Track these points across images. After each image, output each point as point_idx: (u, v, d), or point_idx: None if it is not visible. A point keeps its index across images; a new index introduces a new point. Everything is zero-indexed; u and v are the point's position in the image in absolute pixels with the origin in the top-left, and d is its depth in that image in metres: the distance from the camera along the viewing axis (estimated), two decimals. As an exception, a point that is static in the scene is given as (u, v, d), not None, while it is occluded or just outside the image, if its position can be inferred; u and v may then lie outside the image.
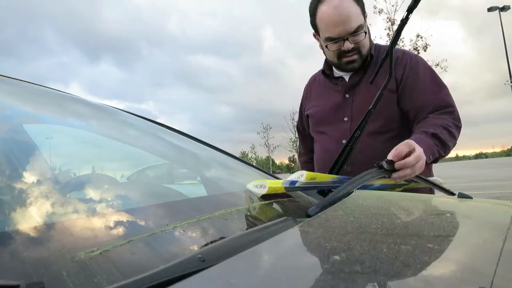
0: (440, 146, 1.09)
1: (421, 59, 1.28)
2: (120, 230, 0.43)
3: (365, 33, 1.20)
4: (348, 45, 1.19)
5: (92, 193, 0.69)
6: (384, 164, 0.81)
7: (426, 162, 0.97)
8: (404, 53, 1.28)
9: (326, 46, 1.22)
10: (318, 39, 1.29)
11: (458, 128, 1.17)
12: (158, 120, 1.04)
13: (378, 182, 0.89)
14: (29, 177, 0.55)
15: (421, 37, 14.52)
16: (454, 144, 1.16)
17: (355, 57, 1.22)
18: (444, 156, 1.13)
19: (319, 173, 0.80)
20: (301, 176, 0.73)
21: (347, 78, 1.30)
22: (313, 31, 1.28)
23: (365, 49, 1.24)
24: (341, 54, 1.22)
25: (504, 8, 17.59)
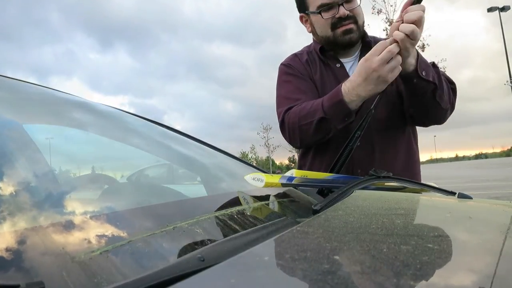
0: (436, 78, 1.00)
1: None
2: (120, 230, 0.43)
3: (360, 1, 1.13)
4: (343, 11, 1.10)
5: (92, 193, 0.69)
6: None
7: (415, 75, 0.95)
8: None
9: (320, 14, 1.12)
10: (306, 21, 1.22)
11: (454, 92, 1.11)
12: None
13: (376, 185, 0.89)
14: (29, 177, 0.55)
15: None
16: (447, 100, 1.07)
17: (352, 26, 1.13)
18: (433, 97, 1.02)
19: (309, 171, 0.80)
20: (291, 174, 0.73)
21: (347, 66, 1.20)
22: (299, 14, 1.22)
23: (361, 20, 1.16)
24: (336, 23, 1.13)
25: (504, 8, 17.56)
